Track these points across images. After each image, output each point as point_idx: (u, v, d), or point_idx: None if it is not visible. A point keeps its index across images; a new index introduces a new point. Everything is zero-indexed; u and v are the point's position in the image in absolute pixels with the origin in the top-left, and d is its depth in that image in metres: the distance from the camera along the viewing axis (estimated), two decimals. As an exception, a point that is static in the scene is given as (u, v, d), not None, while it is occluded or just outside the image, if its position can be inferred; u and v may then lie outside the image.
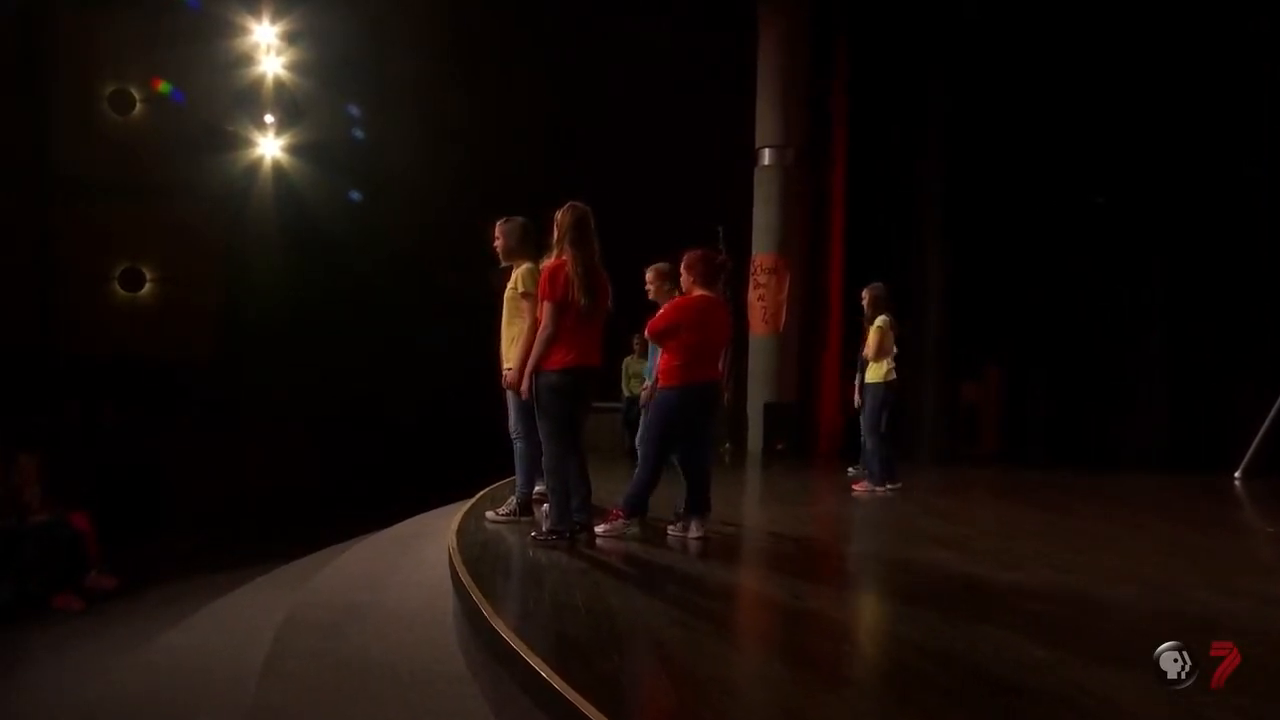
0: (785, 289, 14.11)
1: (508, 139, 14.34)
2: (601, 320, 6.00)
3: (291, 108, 14.49)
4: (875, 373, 9.35)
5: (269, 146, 14.52)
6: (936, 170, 14.20)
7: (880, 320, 9.33)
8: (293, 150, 14.55)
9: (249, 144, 14.43)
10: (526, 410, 6.40)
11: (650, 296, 7.09)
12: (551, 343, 5.80)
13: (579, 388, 5.88)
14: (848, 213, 14.65)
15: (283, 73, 14.39)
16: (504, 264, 6.75)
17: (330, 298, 14.12)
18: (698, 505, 6.46)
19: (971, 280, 14.22)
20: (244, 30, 14.07)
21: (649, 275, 7.15)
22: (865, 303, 9.52)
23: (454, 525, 6.69)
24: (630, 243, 7.05)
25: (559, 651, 3.71)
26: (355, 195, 14.63)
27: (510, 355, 6.45)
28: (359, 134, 14.78)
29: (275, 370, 13.67)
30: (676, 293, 6.81)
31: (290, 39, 14.23)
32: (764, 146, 14.39)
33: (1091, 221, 14.59)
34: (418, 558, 6.92)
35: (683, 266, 6.54)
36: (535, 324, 6.06)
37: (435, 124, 14.17)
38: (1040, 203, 14.39)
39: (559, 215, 5.93)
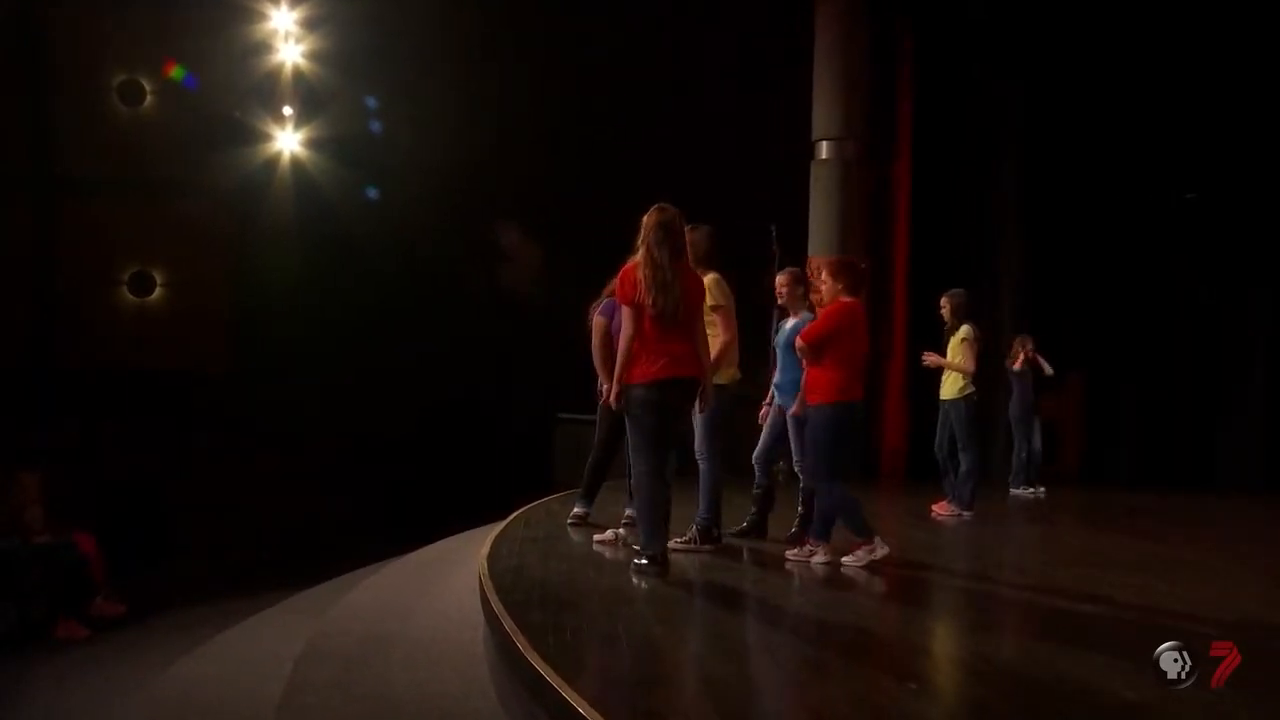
0: (844, 294, 13.98)
1: (552, 134, 14.32)
2: (693, 327, 6.04)
3: (310, 99, 14.58)
4: (953, 388, 9.29)
5: (287, 140, 14.62)
6: (1012, 162, 14.05)
7: (965, 331, 9.26)
8: (313, 144, 14.63)
9: (266, 138, 14.53)
10: (713, 428, 6.64)
11: (781, 302, 7.28)
12: (633, 350, 5.89)
13: (666, 402, 5.92)
14: (913, 210, 14.52)
15: (302, 62, 14.49)
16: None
17: (353, 303, 14.14)
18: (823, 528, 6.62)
19: (1050, 284, 14.06)
20: (261, 16, 14.18)
21: (781, 280, 7.32)
22: (945, 311, 9.47)
23: (485, 550, 6.70)
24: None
25: (599, 686, 3.69)
26: (374, 192, 14.65)
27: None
28: (383, 127, 14.81)
29: (294, 381, 13.72)
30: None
31: (311, 25, 14.32)
32: (821, 139, 14.27)
33: (1183, 218, 14.37)
34: (446, 584, 6.94)
35: (827, 273, 6.64)
36: (727, 337, 6.63)
37: (469, 117, 14.14)
38: (1126, 197, 14.20)
39: (645, 217, 6.04)
